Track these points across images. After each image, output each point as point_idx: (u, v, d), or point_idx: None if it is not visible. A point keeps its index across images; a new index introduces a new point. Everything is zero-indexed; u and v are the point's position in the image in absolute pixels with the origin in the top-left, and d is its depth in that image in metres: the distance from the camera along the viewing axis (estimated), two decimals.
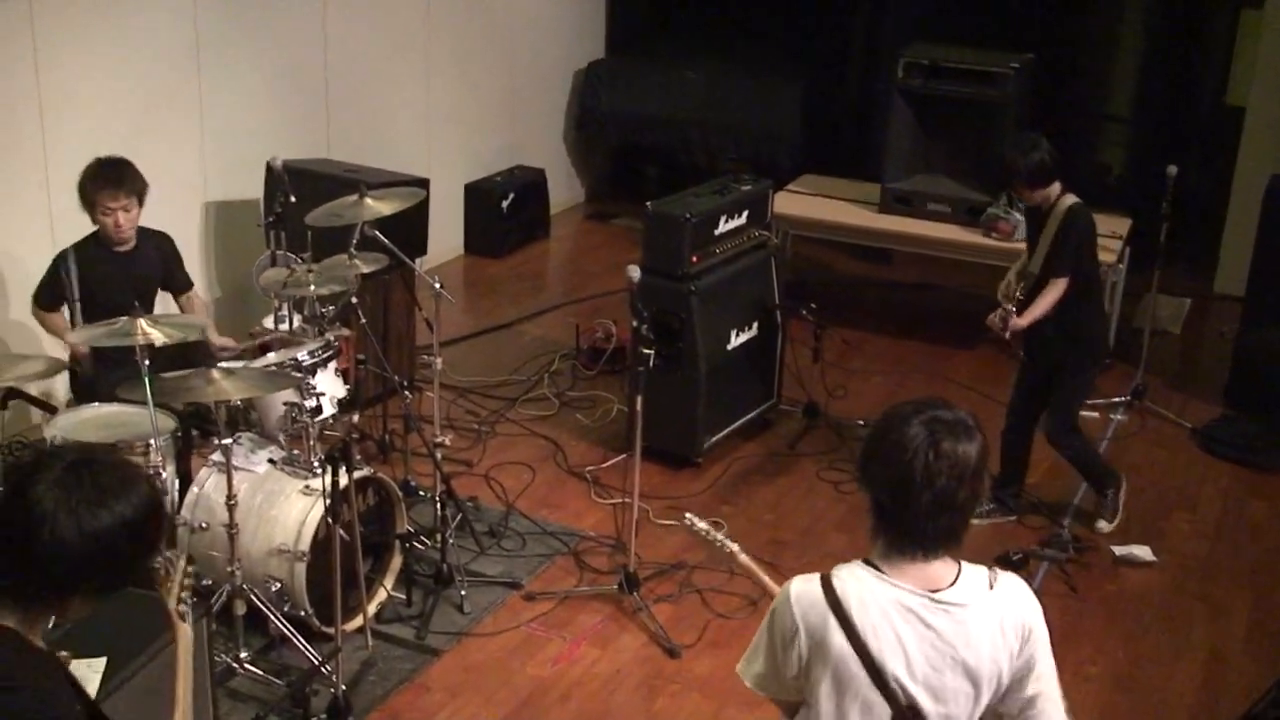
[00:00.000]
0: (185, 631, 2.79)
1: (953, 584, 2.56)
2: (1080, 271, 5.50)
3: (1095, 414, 6.88)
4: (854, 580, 2.56)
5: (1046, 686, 2.68)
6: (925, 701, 2.55)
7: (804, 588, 2.59)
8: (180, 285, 5.80)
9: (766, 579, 3.65)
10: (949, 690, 2.57)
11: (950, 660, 2.55)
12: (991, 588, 2.60)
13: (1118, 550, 5.72)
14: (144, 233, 5.53)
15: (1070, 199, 5.50)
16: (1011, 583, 2.66)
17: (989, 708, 2.65)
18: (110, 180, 5.32)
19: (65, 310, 5.45)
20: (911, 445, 2.49)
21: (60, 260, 5.40)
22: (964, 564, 2.61)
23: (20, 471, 2.26)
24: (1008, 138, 5.58)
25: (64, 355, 5.47)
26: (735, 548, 3.88)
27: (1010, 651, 2.60)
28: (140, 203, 5.43)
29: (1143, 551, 5.72)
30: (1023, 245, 7.25)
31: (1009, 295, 5.59)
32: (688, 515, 4.09)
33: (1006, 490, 5.97)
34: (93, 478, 2.23)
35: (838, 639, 2.53)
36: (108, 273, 5.38)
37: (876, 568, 2.57)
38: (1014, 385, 5.89)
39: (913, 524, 2.52)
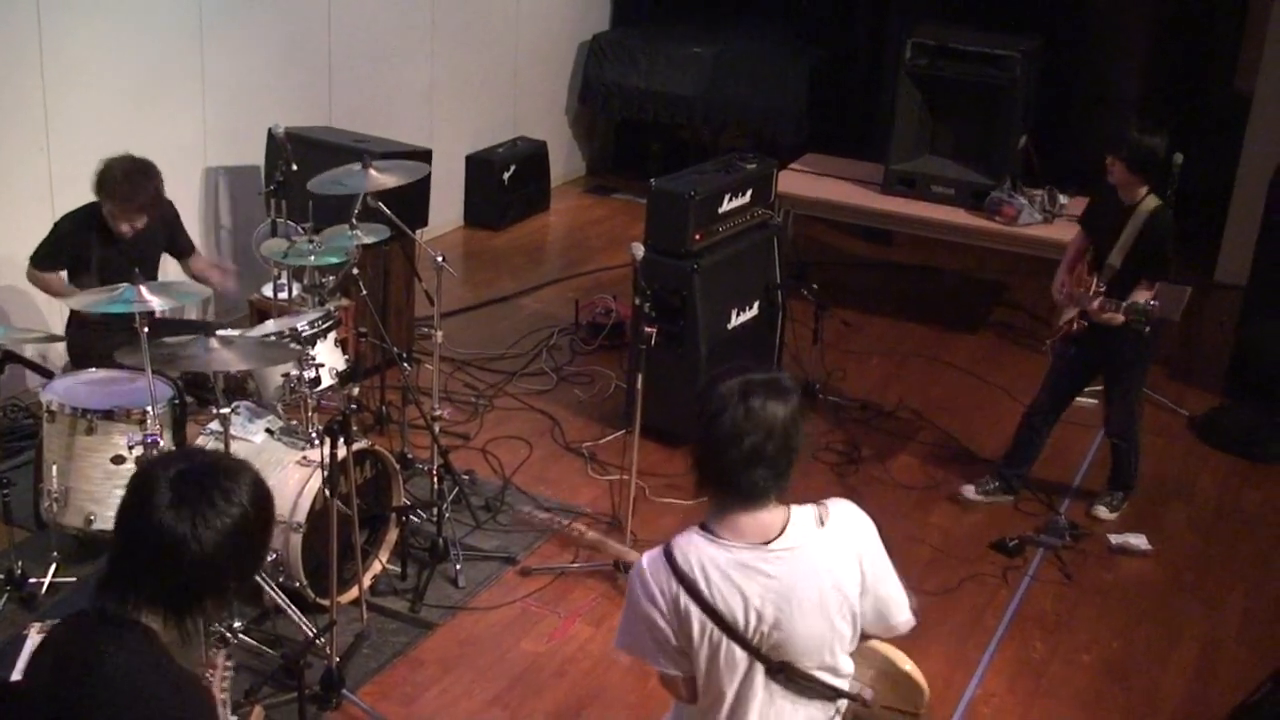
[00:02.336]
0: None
1: (782, 531, 2.69)
2: None
3: (1094, 401, 6.86)
4: (693, 549, 2.69)
5: (885, 586, 2.80)
6: (789, 647, 2.68)
7: (653, 562, 2.73)
8: (183, 249, 5.78)
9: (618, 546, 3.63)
10: (806, 631, 2.69)
11: (797, 603, 2.67)
12: (822, 524, 2.73)
13: (1113, 539, 5.72)
14: None
15: (1155, 199, 5.41)
16: (842, 513, 2.78)
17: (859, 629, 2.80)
18: (126, 197, 5.29)
19: (63, 273, 5.43)
20: (720, 403, 2.64)
21: (63, 225, 5.37)
22: (794, 508, 2.74)
23: (136, 496, 2.30)
24: (1143, 116, 5.50)
25: (60, 328, 5.45)
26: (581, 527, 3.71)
27: (851, 578, 2.73)
28: (153, 208, 5.40)
29: (1138, 540, 5.71)
30: (1027, 233, 7.30)
31: (1068, 294, 5.59)
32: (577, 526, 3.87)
33: (1013, 470, 5.96)
34: (206, 484, 2.28)
35: (694, 609, 2.66)
36: (110, 244, 5.35)
37: (712, 532, 2.70)
38: (1051, 374, 5.84)
39: (728, 478, 2.67)
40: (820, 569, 2.69)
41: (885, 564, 2.82)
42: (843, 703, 2.83)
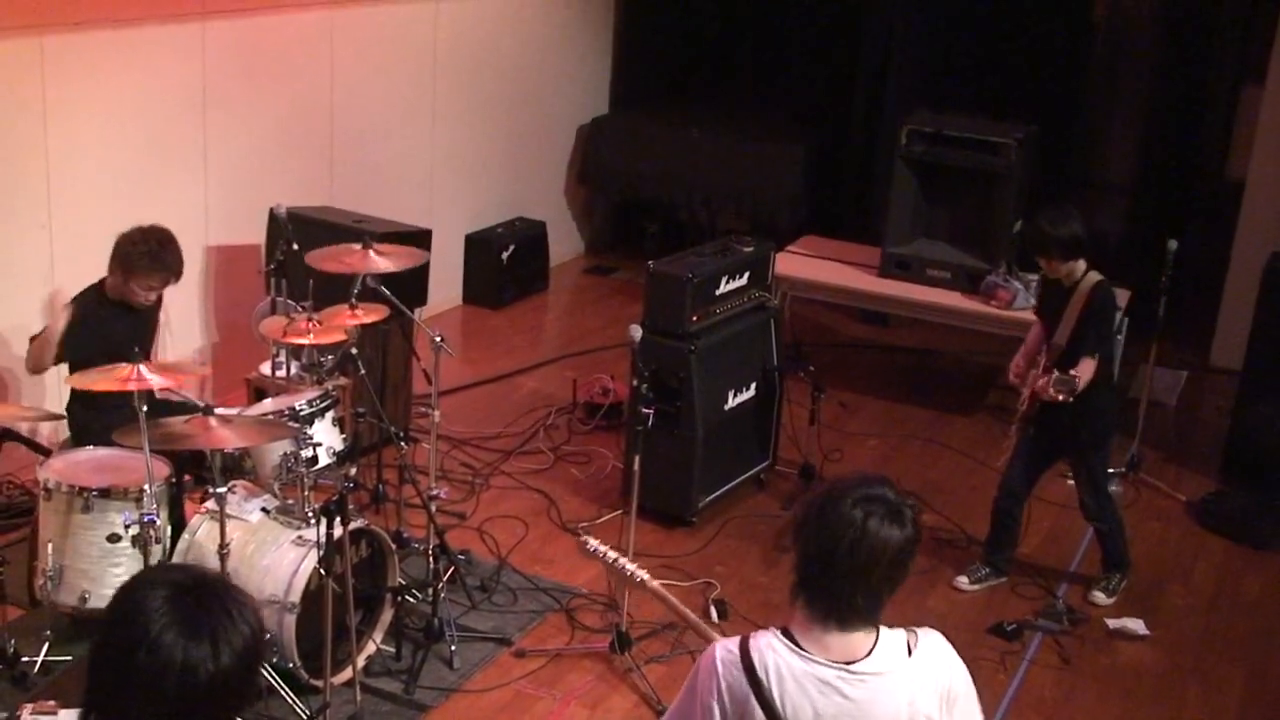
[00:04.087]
0: None
1: (869, 653, 2.61)
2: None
3: None
4: (771, 652, 2.61)
5: None
6: None
7: (727, 656, 2.65)
8: None
9: (684, 609, 3.58)
10: None
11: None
12: (910, 654, 2.64)
13: (1111, 623, 5.70)
14: None
15: (1095, 275, 5.55)
16: (932, 646, 2.69)
17: None
18: (161, 264, 5.30)
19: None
20: (842, 522, 2.57)
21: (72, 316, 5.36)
22: (883, 630, 2.66)
23: (129, 612, 2.07)
24: (1042, 210, 5.66)
25: (58, 406, 5.44)
26: (644, 575, 3.63)
27: (933, 712, 2.63)
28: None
29: (1136, 624, 5.69)
30: (1022, 316, 7.33)
31: (1021, 377, 5.65)
32: (588, 540, 3.78)
33: (999, 555, 5.96)
34: (209, 607, 2.08)
35: (760, 715, 2.58)
36: (112, 325, 5.35)
37: (794, 639, 2.62)
38: (1015, 455, 5.87)
39: (831, 596, 2.60)
40: (901, 699, 2.60)
41: (975, 709, 2.73)
42: None
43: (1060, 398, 5.30)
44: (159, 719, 2.04)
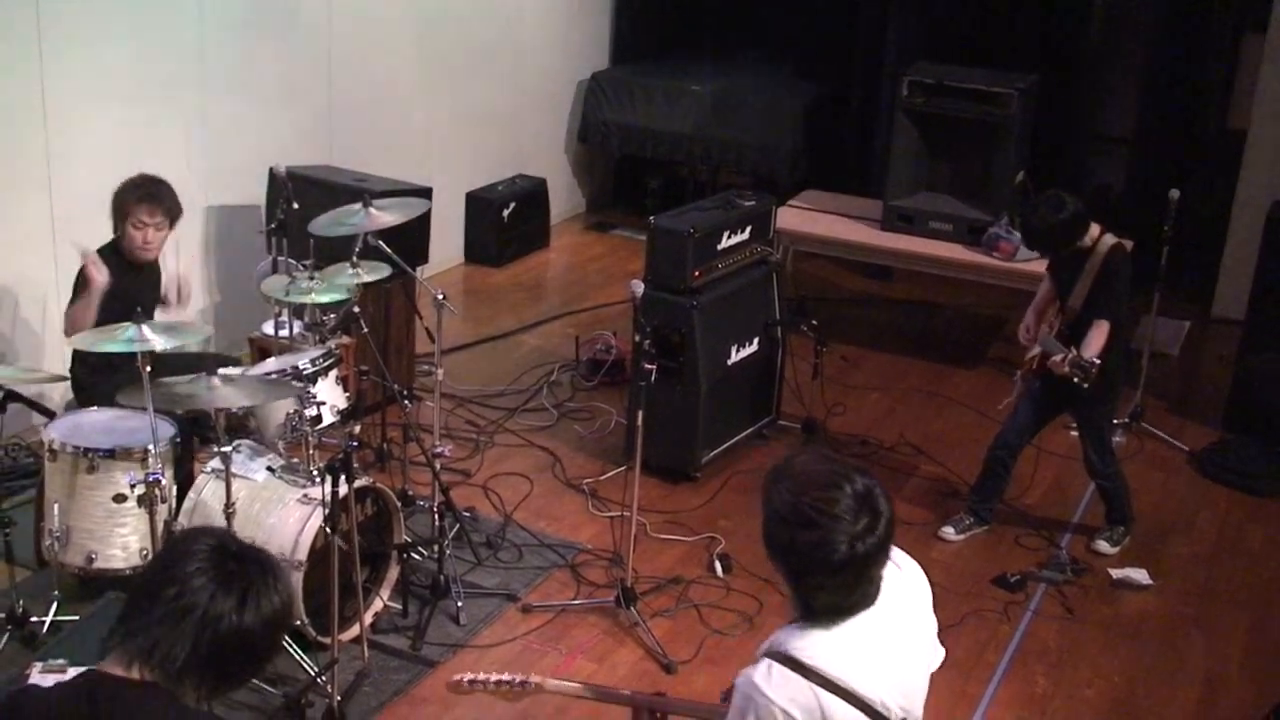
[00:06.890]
0: None
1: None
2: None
3: None
4: (815, 647, 2.51)
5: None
6: (912, 696, 2.69)
7: (778, 679, 2.49)
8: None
9: (596, 686, 3.69)
10: (917, 683, 2.74)
11: (907, 654, 2.69)
12: (900, 567, 2.69)
13: (1115, 573, 5.72)
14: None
15: (1111, 238, 5.53)
16: (906, 559, 2.77)
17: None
18: (150, 195, 5.31)
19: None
20: (831, 537, 2.42)
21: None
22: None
23: (174, 553, 2.27)
24: (1034, 210, 5.63)
25: (60, 366, 5.44)
26: (537, 680, 3.59)
27: (928, 615, 2.84)
28: (172, 225, 5.42)
29: (1139, 575, 5.71)
30: (1025, 268, 7.32)
31: (1033, 338, 5.65)
32: (466, 677, 3.61)
33: (984, 504, 5.98)
34: (247, 568, 2.25)
35: (836, 705, 2.48)
36: (122, 283, 5.35)
37: (816, 625, 2.54)
38: (1016, 407, 5.87)
39: (850, 606, 2.53)
40: (912, 610, 2.74)
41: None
42: None
43: (1075, 379, 5.30)
44: (176, 656, 2.19)
